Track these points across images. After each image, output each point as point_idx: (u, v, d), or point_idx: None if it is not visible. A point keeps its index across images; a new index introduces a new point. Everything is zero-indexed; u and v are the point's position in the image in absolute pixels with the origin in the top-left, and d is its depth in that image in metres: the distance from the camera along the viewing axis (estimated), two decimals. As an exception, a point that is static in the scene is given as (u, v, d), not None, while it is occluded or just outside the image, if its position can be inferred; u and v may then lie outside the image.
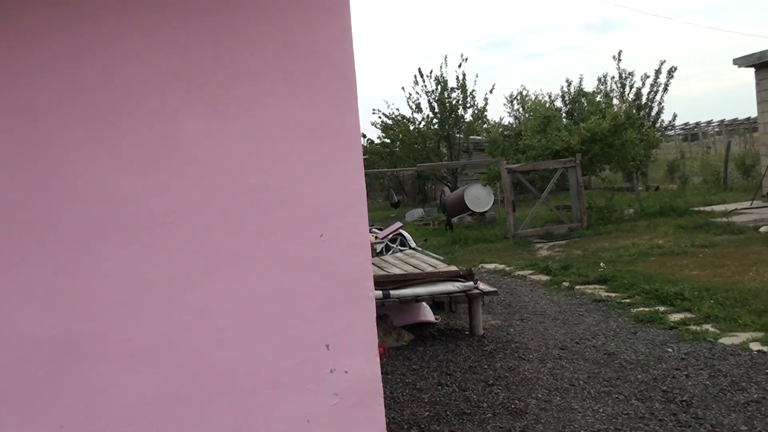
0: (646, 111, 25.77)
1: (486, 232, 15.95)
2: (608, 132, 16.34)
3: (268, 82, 2.93)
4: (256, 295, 2.93)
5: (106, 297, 2.81)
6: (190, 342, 2.88)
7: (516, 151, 17.90)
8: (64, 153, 2.78)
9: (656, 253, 11.18)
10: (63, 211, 2.78)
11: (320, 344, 2.98)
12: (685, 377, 5.46)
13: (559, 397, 5.24)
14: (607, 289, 9.08)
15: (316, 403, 2.99)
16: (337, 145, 2.98)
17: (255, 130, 2.92)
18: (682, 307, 7.65)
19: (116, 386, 2.82)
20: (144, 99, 2.83)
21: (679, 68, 25.97)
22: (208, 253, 2.89)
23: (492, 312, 8.27)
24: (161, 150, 2.84)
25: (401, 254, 9.65)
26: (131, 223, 2.82)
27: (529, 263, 11.62)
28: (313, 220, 2.97)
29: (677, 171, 24.34)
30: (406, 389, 5.68)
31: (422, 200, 27.50)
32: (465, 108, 24.36)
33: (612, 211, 16.22)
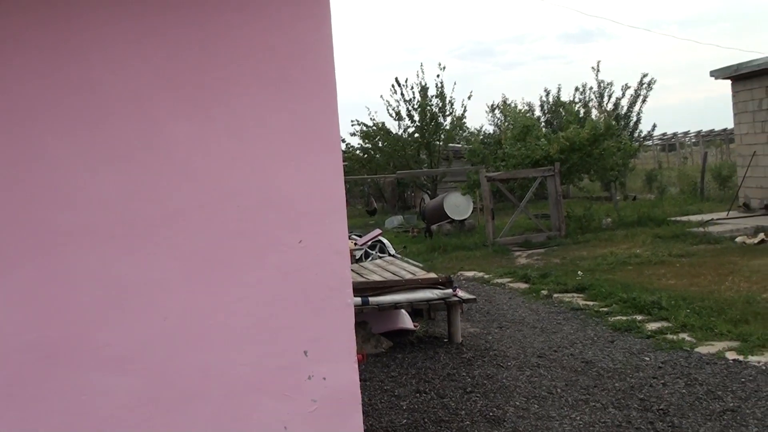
0: (625, 121, 26.03)
1: (465, 240, 15.99)
2: (587, 141, 16.46)
3: (250, 88, 2.92)
4: (235, 299, 2.91)
5: (86, 301, 2.78)
6: (168, 346, 2.86)
7: (496, 159, 17.98)
8: (47, 156, 2.75)
9: (634, 263, 11.26)
10: (44, 214, 2.75)
11: (299, 350, 2.97)
12: (662, 386, 5.50)
13: (537, 405, 5.25)
14: (585, 297, 9.12)
15: (294, 409, 2.98)
16: (317, 151, 2.98)
17: (236, 135, 2.91)
18: (659, 316, 7.71)
19: (95, 391, 2.79)
20: (127, 103, 2.81)
21: (657, 79, 26.25)
22: (189, 257, 2.86)
23: (471, 320, 8.28)
24: (143, 154, 2.82)
25: (381, 261, 9.65)
26: (112, 226, 2.80)
27: (508, 271, 11.66)
28: (293, 226, 2.96)
29: (655, 181, 24.57)
30: (384, 396, 5.66)
31: (402, 207, 27.51)
32: (444, 116, 24.43)
33: (590, 220, 16.32)
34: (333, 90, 2.99)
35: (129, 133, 2.81)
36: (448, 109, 24.36)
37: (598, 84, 26.86)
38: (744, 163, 17.00)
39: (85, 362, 2.79)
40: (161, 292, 2.85)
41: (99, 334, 2.80)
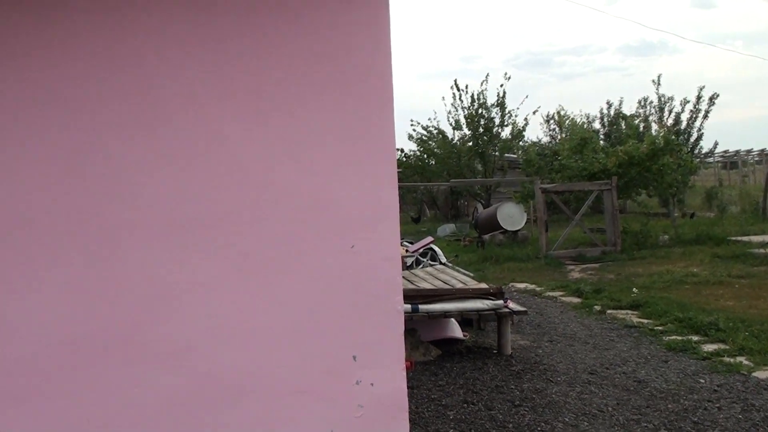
0: (685, 137, 25.47)
1: (518, 251, 15.82)
2: (646, 156, 16.16)
3: (305, 91, 2.93)
4: (285, 301, 2.92)
5: (136, 297, 2.82)
6: (216, 345, 2.87)
7: (551, 170, 17.77)
8: (104, 155, 2.80)
9: (691, 282, 10.98)
10: (99, 211, 2.80)
11: (347, 355, 2.96)
12: (717, 410, 5.33)
13: (586, 423, 5.14)
14: (639, 315, 8.93)
15: (340, 414, 2.97)
16: (372, 157, 2.97)
17: (291, 137, 2.92)
18: (716, 337, 7.49)
19: (142, 385, 2.83)
20: (183, 106, 2.84)
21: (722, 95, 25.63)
22: (239, 258, 2.88)
23: (521, 332, 8.18)
24: (197, 156, 2.85)
25: (431, 269, 9.60)
26: (165, 225, 2.83)
27: (561, 284, 11.49)
28: (345, 231, 2.95)
29: (715, 199, 23.94)
30: (431, 405, 5.62)
31: (454, 216, 27.40)
32: (503, 126, 24.27)
33: (647, 236, 15.99)
34: (389, 96, 2.98)
35: (184, 134, 2.85)
36: (507, 119, 24.20)
37: (659, 98, 26.35)
38: (810, 183, 16.45)
39: (134, 357, 2.83)
40: (210, 291, 2.87)
41: (148, 330, 2.83)
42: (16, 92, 2.76)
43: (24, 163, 2.77)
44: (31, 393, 2.77)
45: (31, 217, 2.77)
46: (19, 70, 2.76)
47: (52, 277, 2.77)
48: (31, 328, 2.77)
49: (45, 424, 2.78)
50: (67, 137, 2.78)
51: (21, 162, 2.77)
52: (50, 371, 2.77)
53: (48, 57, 2.77)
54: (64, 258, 2.78)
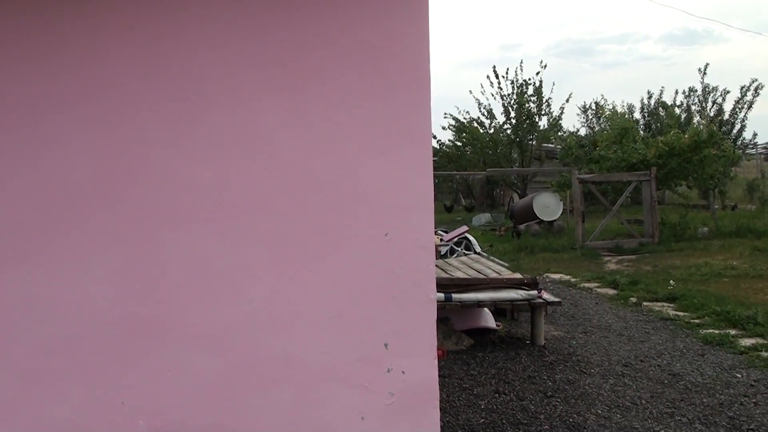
0: (728, 127, 25.00)
1: (553, 242, 15.71)
2: (687, 147, 15.90)
3: (342, 80, 2.94)
4: (319, 288, 2.95)
5: (175, 281, 2.87)
6: (252, 330, 2.92)
7: (590, 161, 17.58)
8: (144, 140, 2.86)
9: (730, 275, 10.82)
10: (142, 195, 2.86)
11: (379, 343, 2.98)
12: (754, 405, 5.26)
13: (619, 415, 5.11)
14: (675, 307, 8.83)
15: (372, 400, 2.99)
16: (407, 146, 2.98)
17: (328, 126, 2.94)
18: (755, 332, 7.38)
19: (178, 368, 2.88)
20: (220, 87, 2.88)
21: (765, 85, 24.97)
22: (275, 244, 2.92)
23: (554, 323, 8.14)
24: (236, 139, 2.89)
25: (466, 258, 9.59)
26: (204, 210, 2.88)
27: (596, 276, 11.40)
28: (380, 219, 2.97)
29: (756, 191, 23.48)
30: (462, 394, 5.63)
31: (490, 205, 27.28)
32: (540, 115, 24.07)
33: (685, 228, 15.77)
34: (426, 84, 2.98)
35: (224, 122, 2.89)
36: (544, 108, 24.00)
37: (703, 88, 25.88)
38: None
39: (172, 340, 2.89)
40: (247, 276, 2.92)
41: (186, 314, 2.89)
42: (55, 88, 2.83)
43: (68, 155, 2.84)
44: (72, 371, 2.85)
45: (78, 204, 2.85)
46: (55, 66, 2.82)
47: (99, 262, 2.84)
48: (78, 311, 2.85)
49: (88, 402, 2.86)
50: (111, 126, 2.85)
51: (65, 154, 2.84)
52: (94, 352, 2.85)
53: (90, 51, 2.83)
54: (109, 243, 2.85)
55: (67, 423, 2.86)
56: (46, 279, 2.84)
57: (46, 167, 2.83)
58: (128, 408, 2.87)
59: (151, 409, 2.88)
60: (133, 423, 2.87)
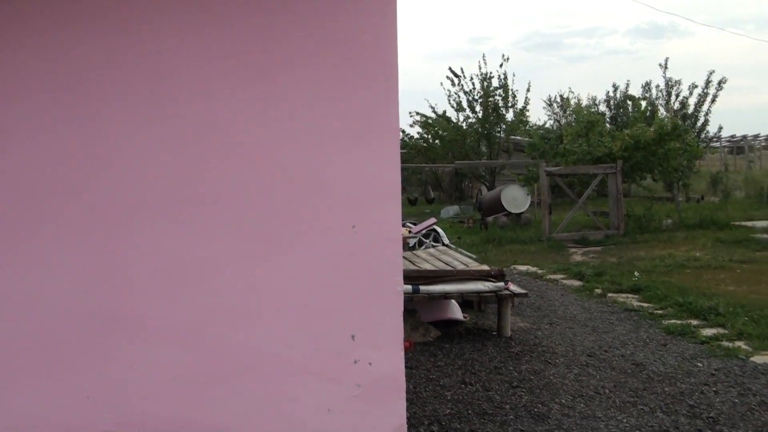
0: (692, 121, 25.36)
1: (520, 234, 15.84)
2: (652, 140, 16.11)
3: (309, 71, 2.94)
4: (286, 280, 2.96)
5: (139, 273, 2.86)
6: (217, 323, 2.92)
7: (556, 154, 17.74)
8: (104, 127, 2.83)
9: (692, 266, 11.00)
10: (104, 187, 2.83)
11: (346, 334, 3.00)
12: (714, 393, 5.38)
13: (583, 404, 5.19)
14: (639, 298, 8.96)
15: (338, 392, 3.01)
16: (375, 138, 2.99)
17: (295, 118, 2.94)
18: (716, 322, 7.52)
19: (143, 361, 2.87)
20: (186, 77, 2.87)
21: (729, 80, 25.42)
22: (241, 236, 2.92)
23: (521, 314, 8.22)
24: (201, 130, 2.88)
25: (434, 250, 9.64)
26: (169, 202, 2.87)
27: (562, 267, 11.51)
28: (347, 211, 2.98)
29: (720, 184, 23.90)
30: (429, 385, 5.67)
31: (459, 198, 27.40)
32: (507, 108, 24.22)
33: (650, 220, 15.99)
34: (395, 77, 2.99)
35: (189, 112, 2.88)
36: (510, 101, 24.15)
37: (666, 82, 26.21)
38: (815, 169, 16.41)
39: (137, 333, 2.88)
40: (212, 268, 2.91)
41: (151, 307, 2.88)
42: (19, 78, 2.79)
43: (32, 147, 2.81)
44: (44, 366, 2.82)
45: (43, 199, 2.81)
46: (19, 56, 2.79)
47: (61, 256, 2.82)
48: (41, 305, 2.82)
49: (56, 396, 2.84)
50: (73, 118, 2.81)
51: (29, 145, 2.80)
52: (58, 346, 2.83)
53: (53, 42, 2.80)
54: (73, 237, 2.82)
55: (32, 417, 2.83)
56: (9, 273, 2.81)
57: (8, 160, 2.80)
58: (93, 402, 2.85)
59: (117, 402, 2.87)
60: (98, 416, 2.86)
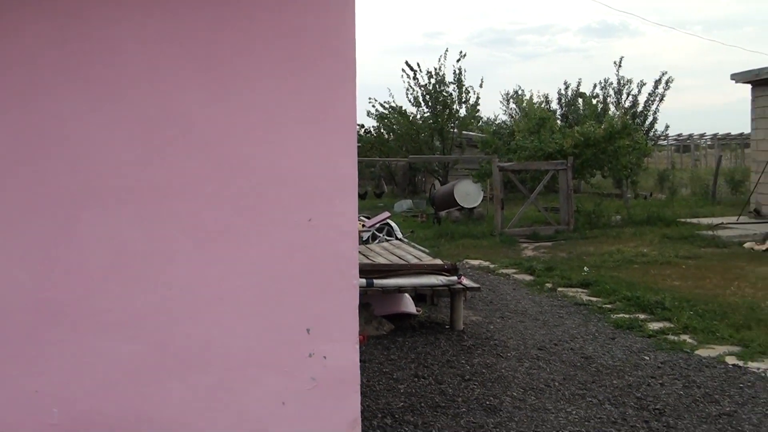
0: (641, 119, 25.88)
1: (473, 228, 15.97)
2: (602, 138, 16.39)
3: (265, 61, 2.92)
4: (241, 273, 2.93)
5: (91, 264, 2.80)
6: (171, 316, 2.88)
7: (509, 150, 17.92)
8: (63, 118, 2.77)
9: (640, 261, 11.23)
10: (55, 175, 2.77)
11: (301, 328, 2.99)
12: (660, 386, 5.51)
13: (533, 397, 5.27)
14: (589, 293, 9.12)
15: (293, 386, 3.00)
16: (332, 130, 2.98)
17: (251, 109, 2.91)
18: (662, 316, 7.70)
19: (94, 354, 2.82)
20: (139, 62, 2.81)
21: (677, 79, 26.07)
22: (196, 228, 2.88)
23: (473, 308, 8.30)
24: (154, 118, 2.83)
25: (387, 244, 9.66)
26: (121, 191, 2.82)
27: (514, 262, 11.65)
28: (302, 204, 2.97)
29: (667, 181, 24.45)
30: (382, 378, 5.69)
31: (412, 192, 27.50)
32: (460, 103, 24.37)
33: (600, 216, 16.27)
34: (352, 69, 2.98)
35: (143, 97, 2.82)
36: (464, 96, 24.32)
37: (618, 80, 26.69)
38: (758, 168, 16.89)
39: (88, 326, 2.82)
40: (167, 261, 2.88)
41: (102, 299, 2.83)
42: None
43: (-25, 128, 2.73)
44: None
45: (-17, 184, 2.73)
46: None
47: (10, 244, 2.74)
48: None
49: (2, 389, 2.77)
50: (21, 103, 2.74)
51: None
52: (5, 338, 2.76)
53: (4, 22, 2.72)
54: (22, 225, 2.75)
55: (-24, 412, 2.76)
56: (-47, 263, 2.73)
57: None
58: (42, 396, 2.79)
59: (66, 396, 2.81)
60: (46, 411, 2.80)
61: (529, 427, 4.69)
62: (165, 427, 2.91)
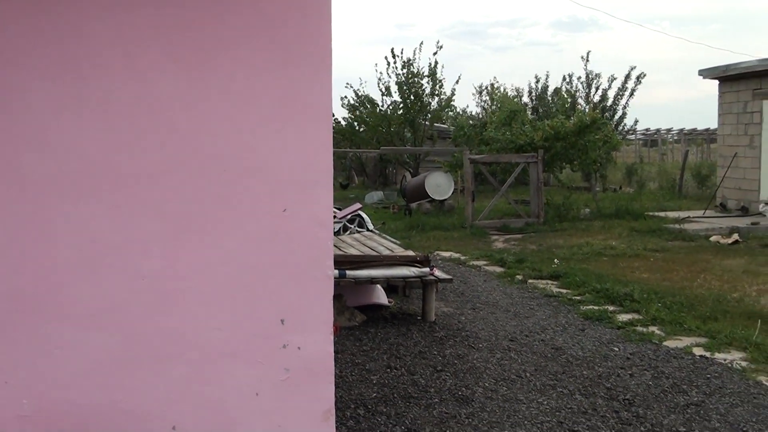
0: (610, 113, 26.13)
1: (444, 220, 16.02)
2: (572, 132, 16.51)
3: (243, 52, 2.89)
4: (215, 264, 2.91)
5: (64, 254, 2.76)
6: (143, 306, 2.85)
7: (480, 142, 17.98)
8: (29, 104, 2.71)
9: (609, 254, 11.35)
10: (28, 164, 2.72)
11: (275, 319, 2.98)
12: (629, 376, 5.57)
13: (505, 388, 5.30)
14: (559, 285, 9.19)
15: (266, 376, 2.99)
16: (307, 120, 2.96)
17: (225, 97, 2.89)
18: (631, 308, 7.79)
19: (64, 346, 2.78)
20: (116, 56, 2.77)
21: (646, 74, 26.33)
22: (170, 218, 2.85)
23: (445, 299, 8.32)
24: (129, 108, 2.79)
25: (359, 235, 9.65)
26: (93, 180, 2.77)
27: (485, 254, 11.71)
28: (277, 194, 2.95)
29: (635, 175, 24.74)
30: (355, 369, 5.69)
31: (383, 183, 27.50)
32: (433, 95, 24.41)
33: (569, 209, 16.41)
34: (328, 59, 2.97)
35: (116, 85, 2.78)
36: (437, 89, 24.36)
37: (587, 75, 26.91)
38: (724, 163, 17.16)
39: (59, 316, 2.78)
40: (140, 251, 2.84)
41: (73, 289, 2.79)
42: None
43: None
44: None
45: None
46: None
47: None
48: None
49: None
50: (-10, 89, 2.68)
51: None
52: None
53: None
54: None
55: (-57, 403, 2.71)
56: None
57: None
58: (11, 387, 2.75)
59: (37, 388, 2.77)
60: (16, 403, 2.76)
61: (501, 418, 4.72)
62: (138, 418, 2.88)
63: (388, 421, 4.67)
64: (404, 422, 4.64)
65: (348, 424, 4.58)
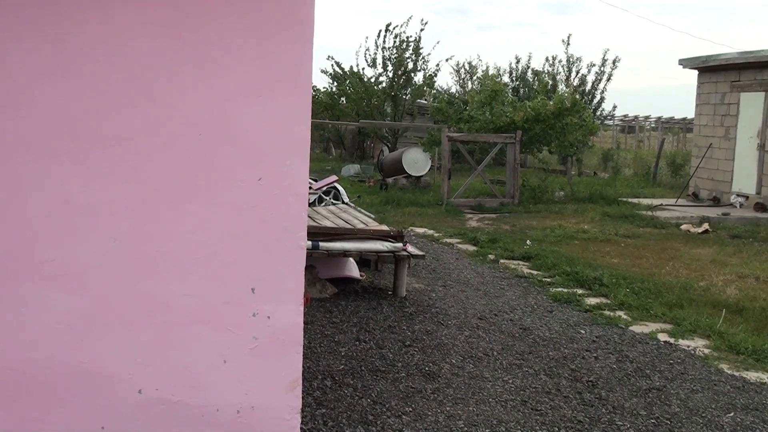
0: (589, 98, 26.19)
1: (419, 197, 16.05)
2: (552, 114, 16.56)
3: (221, 16, 2.85)
4: (187, 230, 2.89)
5: (32, 213, 2.73)
6: (113, 269, 2.83)
7: (460, 120, 17.98)
8: (5, 63, 2.66)
9: (581, 238, 11.46)
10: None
11: (246, 287, 2.97)
12: (594, 359, 5.65)
13: (472, 365, 5.36)
14: (530, 266, 9.27)
15: (235, 344, 2.99)
16: (286, 90, 2.94)
17: (203, 63, 2.85)
18: (599, 292, 7.89)
19: (33, 305, 2.76)
20: (91, 15, 2.72)
21: (626, 61, 26.49)
22: (143, 181, 2.82)
23: (416, 275, 8.36)
24: (104, 69, 2.75)
25: (334, 207, 9.63)
26: (66, 141, 2.74)
27: (458, 232, 11.76)
28: (253, 163, 2.93)
29: (611, 160, 24.90)
30: (324, 341, 5.71)
31: (360, 157, 27.43)
32: (416, 71, 24.32)
33: (544, 191, 16.51)
34: (310, 29, 2.94)
35: (91, 46, 2.74)
36: (420, 65, 24.27)
37: (567, 58, 26.91)
38: (699, 153, 17.33)
39: (27, 276, 2.75)
40: (111, 213, 2.81)
41: (43, 249, 2.76)
42: None
43: None
44: None
45: None
46: None
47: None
48: None
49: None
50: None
51: None
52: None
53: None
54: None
55: None
56: None
57: None
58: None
59: (3, 346, 2.75)
60: (-21, 360, 2.73)
61: (466, 394, 4.78)
62: (103, 380, 2.87)
63: (355, 393, 4.70)
64: (370, 395, 4.68)
65: (314, 395, 4.61)
